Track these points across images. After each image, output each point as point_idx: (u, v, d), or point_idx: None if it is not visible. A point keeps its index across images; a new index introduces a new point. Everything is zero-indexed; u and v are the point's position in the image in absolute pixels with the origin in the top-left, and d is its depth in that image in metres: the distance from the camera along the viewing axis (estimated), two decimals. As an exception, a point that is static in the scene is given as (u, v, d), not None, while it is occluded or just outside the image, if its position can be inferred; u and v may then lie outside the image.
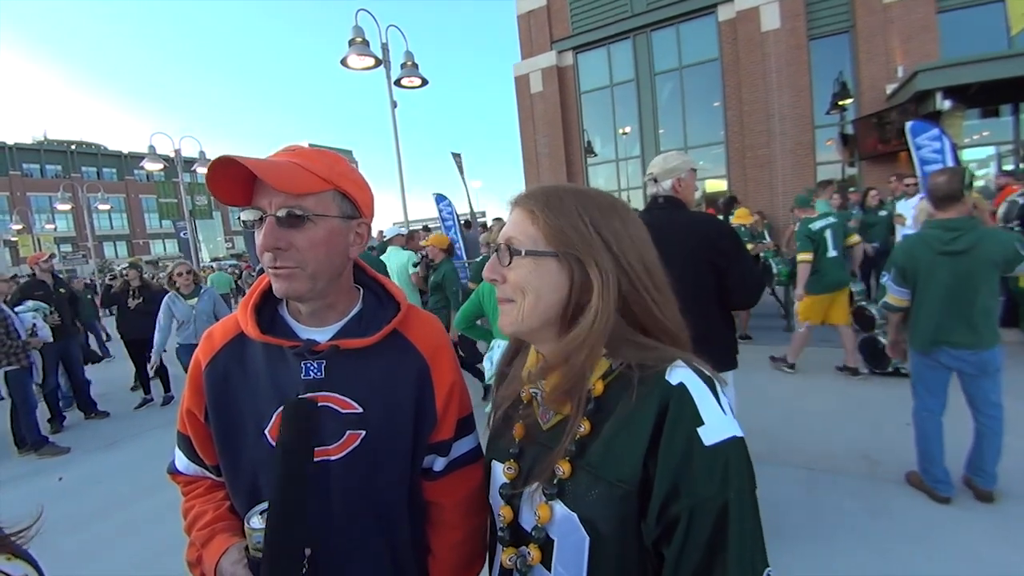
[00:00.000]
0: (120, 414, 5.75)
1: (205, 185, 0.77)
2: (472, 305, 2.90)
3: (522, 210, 0.73)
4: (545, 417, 0.75)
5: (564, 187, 0.74)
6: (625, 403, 0.64)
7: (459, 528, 0.95)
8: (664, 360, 0.65)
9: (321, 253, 0.79)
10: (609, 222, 0.71)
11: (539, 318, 0.71)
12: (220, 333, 0.91)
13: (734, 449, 0.59)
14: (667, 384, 0.62)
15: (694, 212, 2.26)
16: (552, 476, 0.67)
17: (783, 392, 4.41)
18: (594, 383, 0.68)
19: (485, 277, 0.75)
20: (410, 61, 6.77)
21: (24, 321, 4.81)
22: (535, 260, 0.70)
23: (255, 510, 0.73)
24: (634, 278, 0.69)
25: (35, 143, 43.66)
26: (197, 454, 0.92)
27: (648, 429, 0.60)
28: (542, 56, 13.20)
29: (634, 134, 12.78)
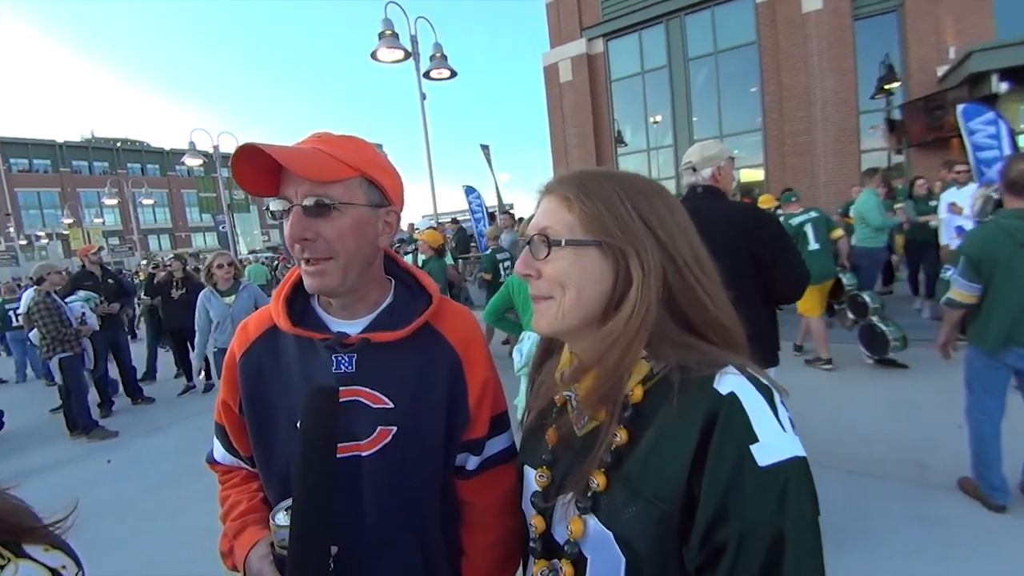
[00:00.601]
0: (164, 400, 6.01)
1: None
2: (501, 298, 2.87)
3: (555, 197, 0.68)
4: (580, 423, 0.69)
5: (600, 171, 0.69)
6: (667, 412, 0.58)
7: (493, 529, 0.93)
8: (712, 364, 0.58)
9: (350, 243, 0.77)
10: (653, 206, 0.65)
11: (580, 315, 0.65)
12: (254, 324, 0.91)
13: (794, 471, 0.51)
14: (715, 393, 0.55)
15: (734, 201, 2.18)
16: (586, 488, 0.62)
17: (822, 390, 4.24)
18: (632, 388, 0.62)
19: (517, 273, 0.70)
20: (439, 53, 6.76)
21: (73, 310, 5.05)
22: (575, 251, 0.64)
23: (280, 506, 0.72)
24: (683, 267, 0.63)
25: (83, 141, 45.81)
26: (232, 445, 0.92)
27: (692, 443, 0.54)
28: (571, 44, 13.00)
29: (666, 122, 12.49)
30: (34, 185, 41.70)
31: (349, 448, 0.81)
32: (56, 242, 35.09)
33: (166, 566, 2.74)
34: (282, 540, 0.69)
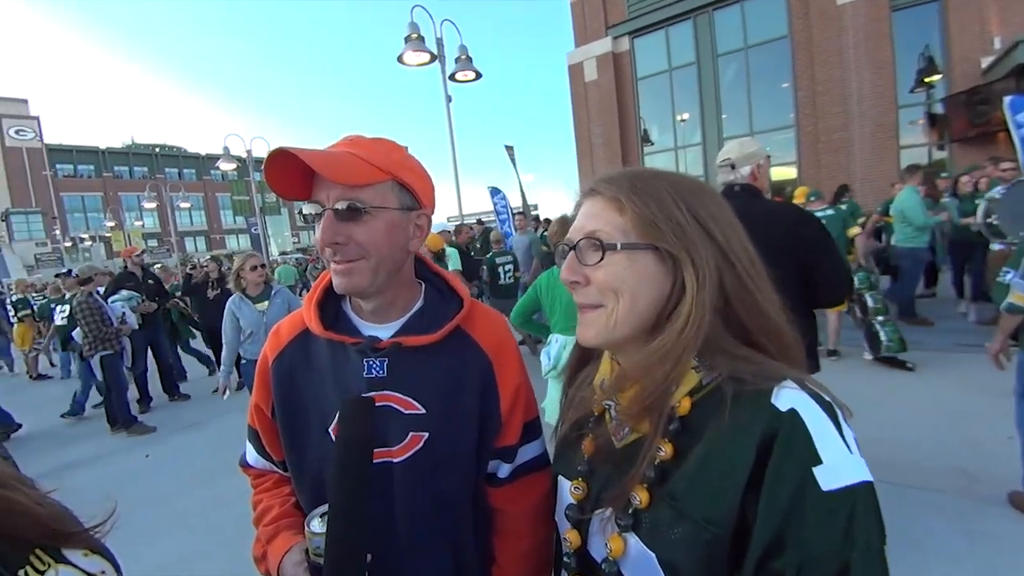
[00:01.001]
0: (199, 398, 6.19)
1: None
2: (528, 300, 2.85)
3: (603, 198, 0.64)
4: (619, 433, 0.65)
5: (648, 170, 0.65)
6: (718, 427, 0.54)
7: (525, 538, 0.91)
8: (769, 377, 0.54)
9: (381, 246, 0.77)
10: (706, 206, 0.61)
11: (633, 325, 0.61)
12: (287, 328, 0.91)
13: (862, 497, 0.47)
14: (773, 409, 0.51)
15: (774, 201, 2.11)
16: (627, 504, 0.58)
17: (862, 394, 4.08)
18: (680, 400, 0.58)
19: (563, 280, 0.66)
20: (464, 55, 6.79)
21: (114, 310, 5.25)
22: (630, 256, 0.60)
23: (315, 512, 0.72)
24: (741, 271, 0.59)
25: (124, 147, 47.82)
26: (265, 448, 0.93)
27: (747, 463, 0.50)
28: (596, 43, 12.90)
29: (694, 120, 12.26)
30: (79, 190, 43.71)
31: (381, 454, 0.81)
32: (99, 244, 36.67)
33: (195, 565, 2.80)
34: (317, 548, 0.68)
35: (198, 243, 47.37)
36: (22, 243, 37.66)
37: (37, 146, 41.86)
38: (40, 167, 41.57)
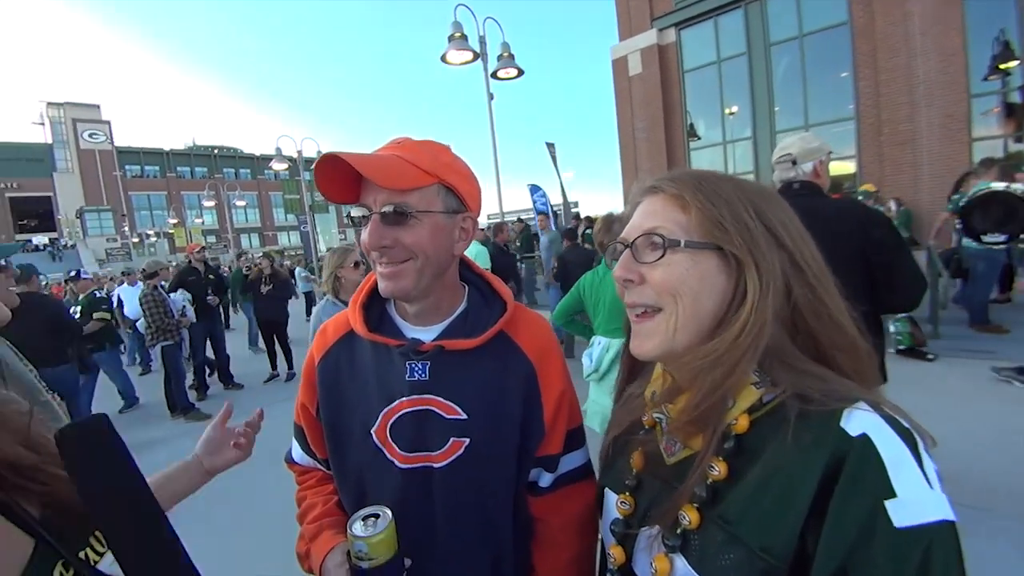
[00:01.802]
0: (251, 387, 6.49)
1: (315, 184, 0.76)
2: (572, 299, 2.80)
3: (665, 196, 0.60)
4: (671, 449, 0.62)
5: (712, 172, 0.62)
6: (780, 448, 0.50)
7: (566, 549, 0.89)
8: (839, 397, 0.50)
9: (427, 250, 0.76)
10: (774, 211, 0.58)
11: (694, 332, 0.57)
12: (333, 329, 0.92)
13: (941, 537, 0.42)
14: (842, 433, 0.47)
15: (839, 199, 1.98)
16: (675, 523, 0.55)
17: (925, 407, 3.81)
18: (737, 417, 0.55)
19: (616, 277, 0.62)
20: (506, 52, 6.78)
21: (176, 303, 5.59)
22: (693, 256, 0.57)
23: (357, 515, 0.72)
24: (812, 278, 0.55)
25: (186, 149, 50.79)
26: (310, 446, 0.94)
27: (810, 490, 0.46)
28: (641, 36, 12.62)
29: (744, 114, 11.80)
30: (145, 189, 46.73)
31: (421, 459, 0.80)
32: (163, 240, 39.13)
33: (232, 554, 2.91)
34: (359, 551, 0.69)
35: (252, 239, 49.70)
36: (95, 239, 40.66)
37: (108, 148, 45.02)
38: (111, 168, 44.69)
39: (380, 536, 0.68)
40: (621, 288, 0.62)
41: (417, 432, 0.81)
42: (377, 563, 0.69)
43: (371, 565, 0.69)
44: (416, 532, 0.79)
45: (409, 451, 0.81)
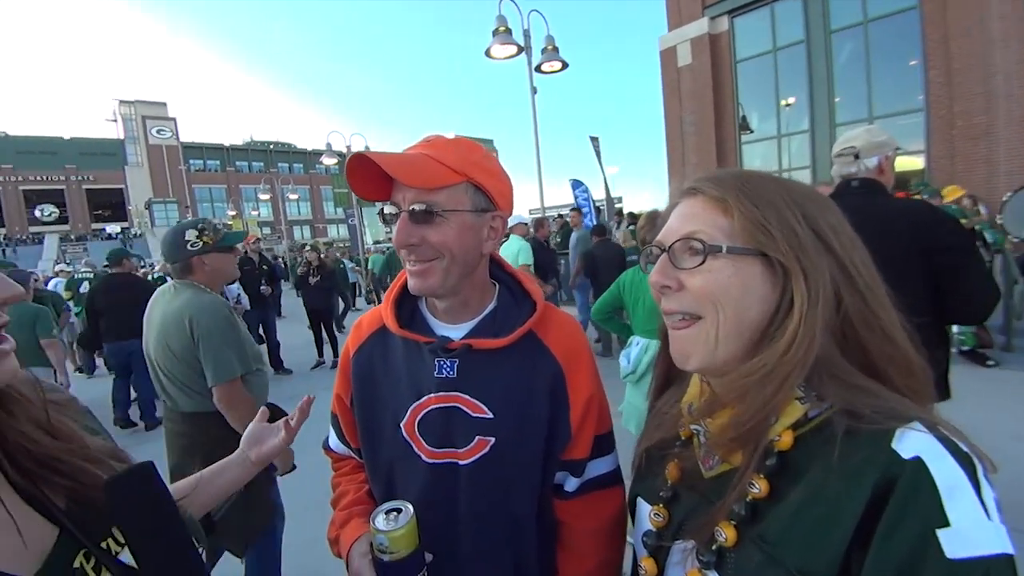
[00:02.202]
0: (300, 373, 6.77)
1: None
2: (611, 296, 2.76)
3: (705, 199, 0.57)
4: (708, 462, 0.60)
5: (757, 172, 0.59)
6: (825, 467, 0.47)
7: (590, 557, 0.88)
8: (891, 415, 0.46)
9: (453, 248, 0.77)
10: (823, 214, 0.54)
11: (737, 344, 0.55)
12: (367, 323, 0.95)
13: (997, 571, 0.39)
14: (894, 455, 0.44)
15: (903, 199, 1.84)
16: (711, 539, 0.53)
17: (994, 429, 3.53)
18: (780, 433, 0.52)
19: (652, 283, 0.60)
20: (551, 45, 6.70)
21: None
22: (735, 262, 0.54)
23: (380, 509, 0.74)
24: (863, 287, 0.52)
25: (244, 144, 53.47)
26: (344, 435, 0.98)
27: (856, 514, 0.43)
28: (692, 25, 12.19)
29: (801, 105, 11.22)
30: (207, 182, 49.49)
31: (447, 455, 0.81)
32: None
33: None
34: (380, 544, 0.70)
35: (304, 231, 51.71)
36: (161, 229, 43.31)
37: (174, 144, 47.94)
38: (176, 162, 47.56)
39: (401, 531, 0.70)
40: (657, 294, 0.60)
41: (444, 428, 0.82)
42: (397, 557, 0.70)
43: (391, 559, 0.70)
44: (440, 527, 0.80)
45: (436, 447, 0.82)
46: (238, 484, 0.95)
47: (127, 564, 0.53)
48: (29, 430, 0.53)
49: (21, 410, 0.53)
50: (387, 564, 0.71)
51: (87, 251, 34.24)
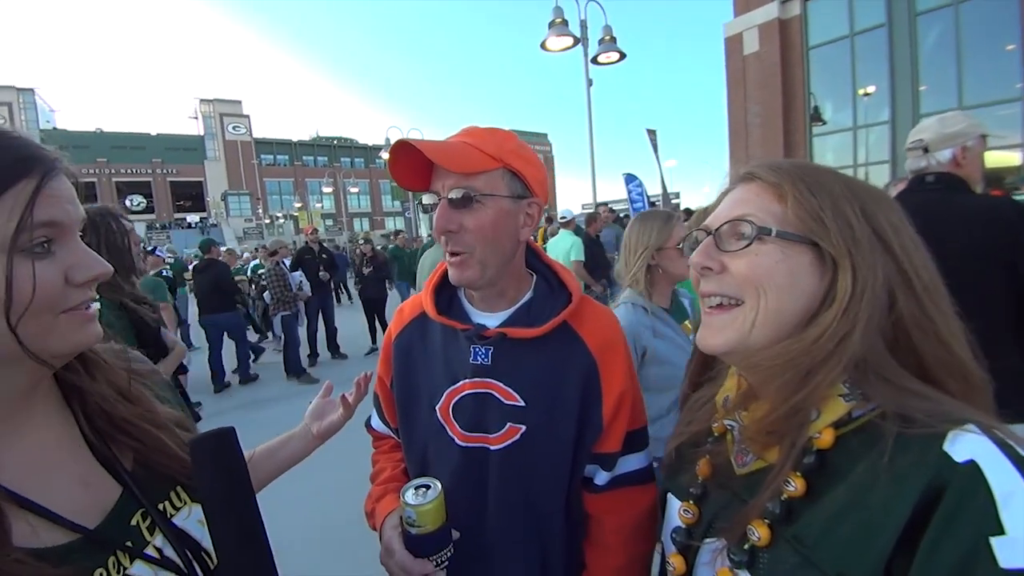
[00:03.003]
0: (355, 357, 7.08)
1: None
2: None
3: (761, 184, 0.56)
4: (742, 459, 0.58)
5: (817, 164, 0.57)
6: (869, 468, 0.45)
7: (619, 553, 0.87)
8: (944, 417, 0.44)
9: (490, 234, 0.78)
10: (885, 213, 0.52)
11: (773, 332, 0.53)
12: (409, 309, 0.98)
13: None
14: (946, 458, 0.41)
15: (982, 195, 1.65)
16: (743, 538, 0.52)
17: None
18: (821, 430, 0.50)
19: (694, 264, 0.58)
20: (608, 36, 6.58)
21: (294, 279, 6.25)
22: (784, 248, 0.52)
23: (410, 484, 0.77)
24: (920, 291, 0.50)
25: (311, 140, 56.05)
26: (384, 415, 1.02)
27: (901, 519, 0.41)
28: (760, 10, 11.55)
29: (881, 94, 10.40)
30: (276, 176, 52.33)
31: (478, 439, 0.83)
32: (289, 221, 43.62)
33: (310, 511, 3.04)
34: (409, 518, 0.73)
35: (363, 223, 53.65)
36: (235, 219, 46.41)
37: (248, 140, 50.99)
38: (250, 157, 50.59)
39: (428, 506, 0.72)
40: (696, 276, 0.59)
41: (477, 413, 0.84)
42: (425, 531, 0.73)
43: (419, 532, 0.73)
44: (469, 511, 0.83)
45: (468, 430, 0.84)
46: (299, 457, 1.00)
47: (179, 527, 0.58)
48: (108, 393, 0.58)
49: (102, 374, 0.59)
50: (415, 537, 0.74)
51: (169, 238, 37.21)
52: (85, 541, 0.50)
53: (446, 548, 0.76)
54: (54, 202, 0.49)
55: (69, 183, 0.52)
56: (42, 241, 0.48)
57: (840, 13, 10.72)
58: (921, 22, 9.68)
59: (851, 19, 10.59)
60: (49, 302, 0.48)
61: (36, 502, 0.49)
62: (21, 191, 0.46)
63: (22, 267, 0.46)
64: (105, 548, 0.51)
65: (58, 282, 0.49)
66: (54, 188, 0.49)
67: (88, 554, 0.50)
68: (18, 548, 0.44)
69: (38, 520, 0.48)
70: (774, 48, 11.41)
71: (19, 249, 0.46)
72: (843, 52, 10.84)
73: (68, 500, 0.51)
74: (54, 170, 0.50)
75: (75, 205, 0.52)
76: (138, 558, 0.53)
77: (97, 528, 0.52)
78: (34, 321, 0.47)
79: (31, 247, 0.47)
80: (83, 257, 0.51)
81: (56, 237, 0.49)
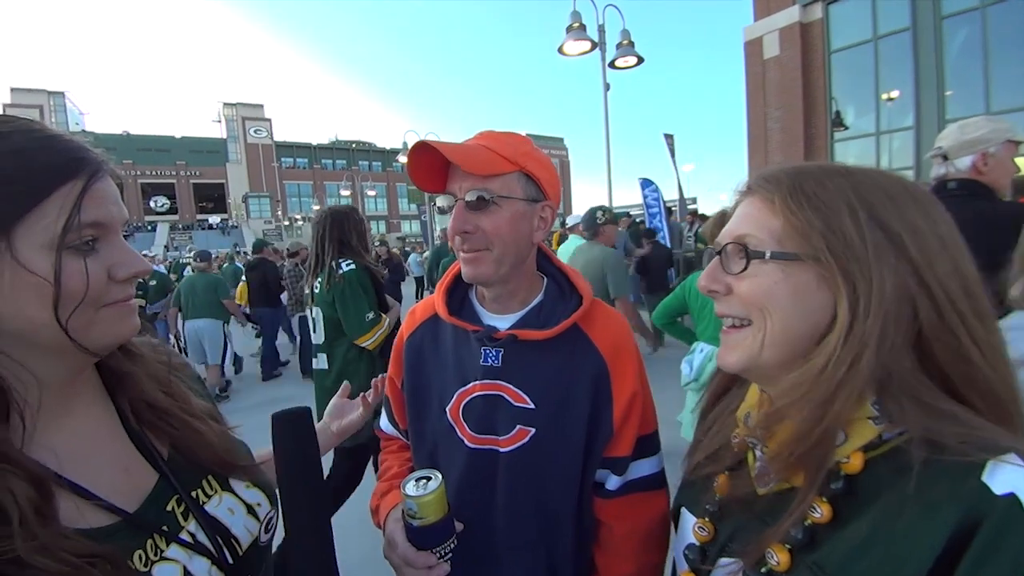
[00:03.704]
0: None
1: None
2: (676, 299, 2.66)
3: (758, 198, 0.55)
4: (763, 479, 0.56)
5: (826, 167, 0.54)
6: (899, 497, 0.43)
7: (630, 561, 0.86)
8: (983, 446, 0.42)
9: (506, 236, 0.79)
10: (903, 214, 0.49)
11: (785, 352, 0.51)
12: (421, 310, 0.99)
13: None
14: (984, 490, 0.39)
15: (1006, 203, 1.59)
16: (760, 561, 0.50)
17: None
18: (849, 454, 0.48)
19: (701, 287, 0.58)
20: (626, 40, 6.56)
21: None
22: (784, 268, 0.51)
23: (410, 476, 0.77)
24: (943, 302, 0.47)
25: (329, 143, 56.92)
26: (394, 417, 1.02)
27: (932, 552, 0.39)
28: (781, 14, 11.42)
29: (905, 99, 10.19)
30: (296, 179, 53.24)
31: (488, 441, 0.83)
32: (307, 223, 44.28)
33: None
34: (410, 510, 0.73)
35: (380, 226, 54.21)
36: (255, 220, 47.29)
37: (268, 143, 51.98)
38: (270, 160, 51.54)
39: (429, 497, 0.72)
40: (709, 297, 0.58)
41: (487, 415, 0.84)
42: (426, 522, 0.73)
43: (421, 524, 0.73)
44: (478, 513, 0.82)
45: (478, 432, 0.84)
46: (323, 451, 1.00)
47: (211, 514, 0.60)
48: (147, 383, 0.61)
49: (142, 366, 0.62)
50: (417, 529, 0.74)
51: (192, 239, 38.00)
52: (125, 524, 0.53)
53: (449, 539, 0.75)
54: (100, 203, 0.51)
55: (113, 184, 0.54)
56: (88, 239, 0.50)
57: (863, 16, 10.54)
58: (947, 25, 9.47)
59: (875, 22, 10.41)
60: (93, 297, 0.50)
61: (82, 485, 0.51)
62: (69, 192, 0.49)
63: (71, 263, 0.48)
64: (144, 531, 0.54)
65: (102, 278, 0.51)
66: (100, 189, 0.51)
67: (128, 536, 0.52)
68: (65, 527, 0.47)
69: (83, 502, 0.50)
70: (795, 52, 11.26)
71: (67, 247, 0.48)
72: (866, 56, 10.66)
73: (110, 484, 0.54)
74: (100, 172, 0.52)
75: (119, 206, 0.54)
76: (174, 542, 0.55)
77: (137, 512, 0.55)
78: (78, 314, 0.49)
79: (78, 245, 0.49)
80: (125, 255, 0.54)
81: (100, 236, 0.52)
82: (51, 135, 0.51)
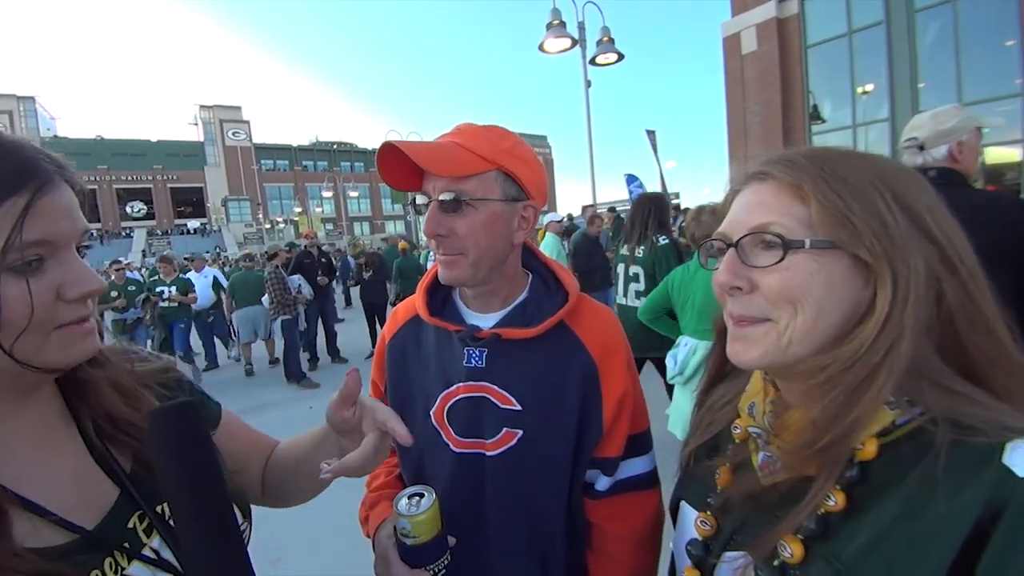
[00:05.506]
0: (354, 361, 7.02)
1: (378, 172, 0.78)
2: (660, 295, 2.67)
3: (778, 184, 0.50)
4: (768, 467, 0.53)
5: (838, 150, 0.52)
6: (919, 480, 0.42)
7: (622, 564, 0.85)
8: (1004, 425, 0.40)
9: (481, 239, 0.75)
10: (921, 196, 0.47)
11: (811, 346, 0.48)
12: (403, 311, 0.96)
13: None
14: (1007, 472, 0.38)
15: (983, 191, 1.64)
16: (772, 554, 0.48)
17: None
18: (864, 440, 0.46)
19: (721, 284, 0.52)
20: (606, 37, 6.58)
21: (293, 282, 6.24)
22: (817, 258, 0.47)
23: (404, 493, 0.74)
24: (967, 277, 0.45)
25: (310, 144, 56.17)
26: None
27: (956, 539, 0.38)
28: (757, 9, 11.55)
29: (880, 92, 10.38)
30: (276, 181, 52.42)
31: (474, 445, 0.81)
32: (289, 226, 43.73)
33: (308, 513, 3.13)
34: (403, 528, 0.71)
35: (364, 227, 53.74)
36: (235, 224, 46.48)
37: (247, 145, 51.12)
38: (249, 162, 50.70)
39: (422, 516, 0.70)
40: (723, 295, 0.53)
41: (472, 418, 0.81)
42: (420, 541, 0.70)
43: (414, 543, 0.71)
44: (466, 518, 0.80)
45: (463, 436, 0.82)
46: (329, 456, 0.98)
47: (175, 529, 0.56)
48: (108, 393, 0.58)
49: (105, 374, 0.58)
50: (410, 548, 0.71)
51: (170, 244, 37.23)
52: (84, 541, 0.50)
53: (442, 557, 0.73)
54: (47, 218, 0.47)
55: (69, 195, 0.50)
56: (32, 259, 0.46)
57: (838, 11, 10.71)
58: (920, 19, 9.67)
59: (849, 17, 10.58)
60: (40, 320, 0.47)
61: (37, 502, 0.48)
62: (9, 209, 0.45)
63: (11, 286, 0.45)
64: (102, 548, 0.51)
65: (49, 299, 0.48)
66: (48, 203, 0.47)
67: (86, 554, 0.50)
68: (18, 546, 0.45)
69: (39, 520, 0.48)
70: (772, 47, 11.41)
71: (7, 268, 0.45)
72: (841, 50, 10.83)
73: (67, 501, 0.51)
74: (49, 183, 0.48)
75: (72, 218, 0.50)
76: (135, 559, 0.52)
77: (95, 529, 0.52)
78: (24, 340, 0.46)
79: (19, 266, 0.45)
80: (77, 273, 0.50)
81: (48, 254, 0.48)
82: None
